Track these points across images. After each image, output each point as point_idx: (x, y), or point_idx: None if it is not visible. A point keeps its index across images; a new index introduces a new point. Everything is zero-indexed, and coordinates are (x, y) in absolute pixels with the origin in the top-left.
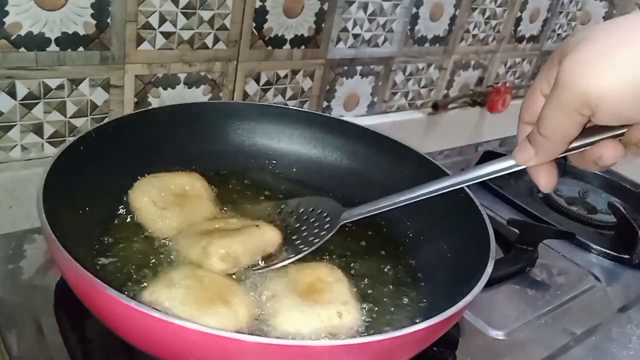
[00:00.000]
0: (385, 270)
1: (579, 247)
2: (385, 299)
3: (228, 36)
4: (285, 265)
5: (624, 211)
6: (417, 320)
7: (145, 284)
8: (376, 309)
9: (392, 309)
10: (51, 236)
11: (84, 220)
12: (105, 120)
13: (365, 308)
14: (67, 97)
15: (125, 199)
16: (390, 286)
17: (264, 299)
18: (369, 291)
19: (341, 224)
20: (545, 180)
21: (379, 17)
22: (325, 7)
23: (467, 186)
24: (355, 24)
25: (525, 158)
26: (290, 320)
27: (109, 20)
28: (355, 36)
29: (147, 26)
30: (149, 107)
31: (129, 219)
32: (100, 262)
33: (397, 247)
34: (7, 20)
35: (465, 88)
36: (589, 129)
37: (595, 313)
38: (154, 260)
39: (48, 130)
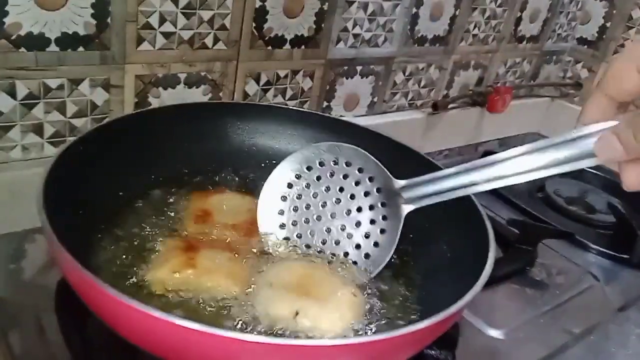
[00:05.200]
0: (384, 270)
1: (578, 247)
2: (384, 299)
3: (228, 36)
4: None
5: (623, 211)
6: (416, 320)
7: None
8: (375, 308)
9: (391, 308)
10: (52, 236)
11: (85, 219)
12: (106, 120)
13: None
14: (67, 97)
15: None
16: (390, 285)
17: (287, 319)
18: (368, 291)
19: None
20: (636, 177)
21: (379, 17)
22: (326, 7)
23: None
24: (355, 24)
25: (612, 155)
26: (330, 325)
27: (109, 20)
28: (355, 36)
29: (147, 26)
30: (149, 107)
31: (129, 219)
32: (101, 261)
33: (396, 247)
34: (7, 20)
35: (465, 88)
36: None
37: (594, 312)
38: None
39: (48, 130)
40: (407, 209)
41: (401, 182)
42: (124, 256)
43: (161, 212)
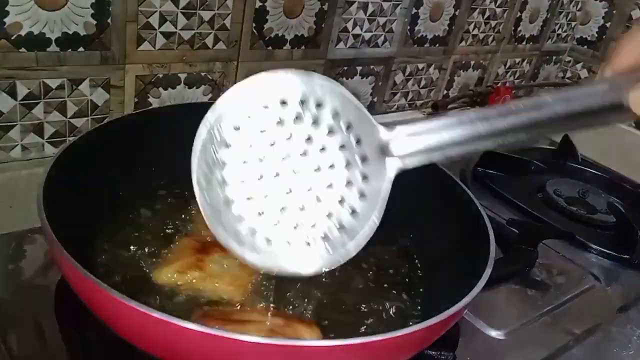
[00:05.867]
0: (385, 270)
1: (579, 247)
2: (385, 299)
3: (228, 36)
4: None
5: (623, 211)
6: (417, 320)
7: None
8: (376, 308)
9: (392, 309)
10: (51, 236)
11: (84, 220)
12: (106, 121)
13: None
14: (68, 97)
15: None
16: (390, 286)
17: None
18: (369, 291)
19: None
20: None
21: (379, 17)
22: (325, 7)
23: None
24: (355, 24)
25: None
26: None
27: (109, 20)
28: (355, 36)
29: (148, 26)
30: (150, 107)
31: (129, 219)
32: (101, 261)
33: (397, 247)
34: (8, 20)
35: (465, 88)
36: None
37: (595, 313)
38: (153, 259)
39: (48, 130)
40: (395, 166)
41: (391, 132)
42: (123, 256)
43: (161, 212)
